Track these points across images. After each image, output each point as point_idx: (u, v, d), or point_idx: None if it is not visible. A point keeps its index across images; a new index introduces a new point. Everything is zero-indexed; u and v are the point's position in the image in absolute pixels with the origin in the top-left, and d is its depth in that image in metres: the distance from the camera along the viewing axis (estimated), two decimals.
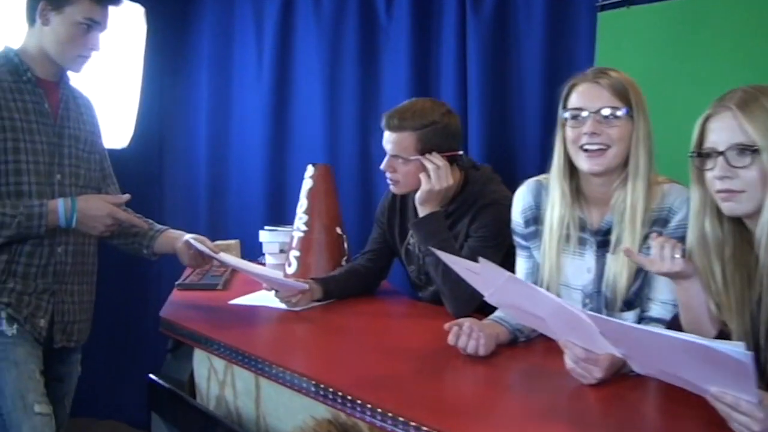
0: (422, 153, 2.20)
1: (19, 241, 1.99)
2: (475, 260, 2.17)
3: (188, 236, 2.24)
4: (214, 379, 1.94)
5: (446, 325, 1.75)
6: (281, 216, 3.66)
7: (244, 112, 3.73)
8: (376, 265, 2.49)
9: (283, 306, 2.21)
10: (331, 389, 1.52)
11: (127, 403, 3.84)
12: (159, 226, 2.30)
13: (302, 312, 2.20)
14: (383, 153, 3.56)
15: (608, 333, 1.35)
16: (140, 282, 3.83)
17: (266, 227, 3.01)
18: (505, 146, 3.06)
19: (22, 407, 1.90)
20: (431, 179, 2.17)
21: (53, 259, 2.06)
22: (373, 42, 3.48)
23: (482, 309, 2.07)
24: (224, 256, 2.21)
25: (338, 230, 2.59)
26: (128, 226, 2.20)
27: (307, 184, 2.60)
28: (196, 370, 2.03)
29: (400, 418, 1.35)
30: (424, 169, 2.20)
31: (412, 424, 1.33)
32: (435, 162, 2.18)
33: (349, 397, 1.47)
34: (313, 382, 1.57)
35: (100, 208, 2.05)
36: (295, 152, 3.68)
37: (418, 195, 2.20)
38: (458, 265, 1.60)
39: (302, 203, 2.59)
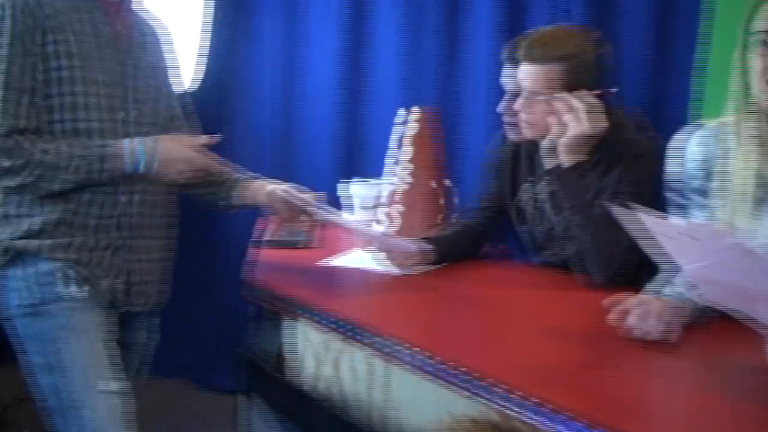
0: (568, 90, 1.77)
1: (78, 188, 1.63)
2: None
3: (274, 186, 1.85)
4: (312, 355, 1.57)
5: (605, 302, 1.35)
6: (356, 167, 3.26)
7: (316, 55, 3.31)
8: (485, 224, 2.08)
9: (388, 269, 1.83)
10: (489, 380, 1.13)
11: (193, 363, 3.55)
12: (239, 174, 1.91)
13: (415, 278, 1.80)
14: (470, 97, 3.20)
15: None
16: (205, 235, 3.47)
17: (354, 179, 2.61)
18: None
19: (93, 385, 1.56)
20: (581, 122, 1.74)
21: (117, 211, 1.69)
22: None
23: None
24: (327, 211, 1.82)
25: (447, 183, 2.18)
26: (207, 173, 1.83)
27: (411, 129, 2.18)
28: (288, 343, 1.66)
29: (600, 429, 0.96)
30: (570, 109, 1.77)
31: None
32: (586, 101, 1.75)
33: (518, 393, 1.08)
34: (461, 370, 1.18)
35: (177, 151, 1.67)
36: (371, 97, 3.25)
37: (564, 141, 1.76)
38: (665, 226, 1.17)
39: (405, 151, 2.18)
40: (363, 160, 3.25)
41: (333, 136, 3.25)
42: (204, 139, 1.72)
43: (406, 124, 2.17)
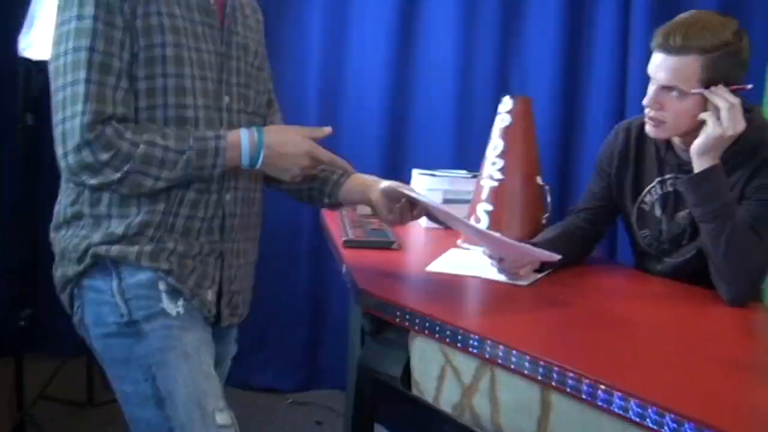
0: (707, 85, 1.59)
1: (180, 186, 1.38)
2: (757, 228, 1.61)
3: (388, 183, 1.63)
4: (454, 381, 1.36)
5: None
6: (402, 159, 3.06)
7: (364, 39, 3.05)
8: (595, 227, 1.89)
9: (500, 278, 1.64)
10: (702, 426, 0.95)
11: (251, 370, 3.26)
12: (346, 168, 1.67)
13: (536, 288, 1.61)
14: (524, 88, 3.01)
15: None
16: None
17: (418, 171, 2.39)
18: None
19: (201, 417, 1.31)
20: (722, 121, 1.56)
21: (220, 211, 1.44)
22: None
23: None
24: (450, 211, 1.61)
25: (539, 180, 1.98)
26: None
27: (502, 121, 1.97)
28: (417, 364, 1.44)
29: None
30: (706, 106, 1.59)
31: None
32: (728, 99, 1.57)
33: None
34: (656, 409, 0.99)
35: (297, 144, 1.43)
36: (421, 84, 3.04)
37: (700, 142, 1.58)
38: None
39: (496, 145, 1.97)
40: (408, 152, 3.05)
41: (380, 127, 3.02)
42: (327, 130, 1.49)
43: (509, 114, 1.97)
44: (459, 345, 1.31)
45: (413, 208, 1.59)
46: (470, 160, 2.86)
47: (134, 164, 1.30)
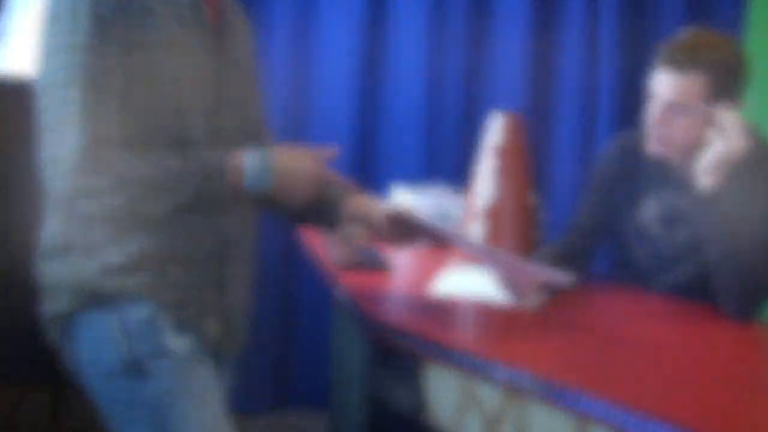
0: (711, 102, 1.56)
1: (182, 211, 1.26)
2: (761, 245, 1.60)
3: (391, 205, 1.55)
4: (477, 414, 1.29)
5: None
6: (371, 173, 2.98)
7: (330, 49, 2.97)
8: (590, 244, 1.85)
9: (506, 300, 1.58)
10: None
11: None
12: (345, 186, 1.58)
13: (545, 312, 1.56)
14: (493, 101, 2.97)
15: None
16: None
17: (400, 188, 2.32)
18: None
19: None
20: (731, 140, 1.54)
21: (220, 237, 1.34)
22: None
23: None
24: (465, 235, 1.53)
25: (533, 198, 1.93)
26: None
27: (495, 138, 1.92)
28: (433, 394, 1.36)
29: None
30: (710, 124, 1.57)
31: None
32: (734, 116, 1.55)
33: None
34: None
35: (308, 167, 1.32)
36: (389, 96, 2.96)
37: (708, 160, 1.56)
38: None
39: (487, 162, 1.92)
40: (377, 168, 2.97)
41: (348, 139, 2.93)
42: (332, 151, 1.40)
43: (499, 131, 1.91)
44: (486, 376, 1.24)
45: (419, 230, 1.52)
46: (441, 173, 2.82)
47: (135, 189, 1.19)
